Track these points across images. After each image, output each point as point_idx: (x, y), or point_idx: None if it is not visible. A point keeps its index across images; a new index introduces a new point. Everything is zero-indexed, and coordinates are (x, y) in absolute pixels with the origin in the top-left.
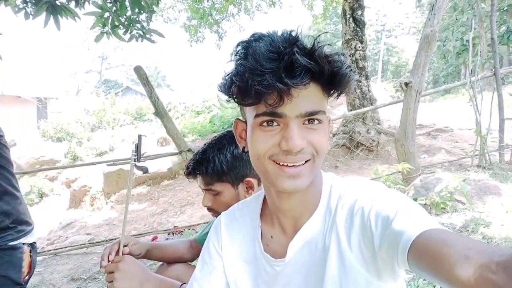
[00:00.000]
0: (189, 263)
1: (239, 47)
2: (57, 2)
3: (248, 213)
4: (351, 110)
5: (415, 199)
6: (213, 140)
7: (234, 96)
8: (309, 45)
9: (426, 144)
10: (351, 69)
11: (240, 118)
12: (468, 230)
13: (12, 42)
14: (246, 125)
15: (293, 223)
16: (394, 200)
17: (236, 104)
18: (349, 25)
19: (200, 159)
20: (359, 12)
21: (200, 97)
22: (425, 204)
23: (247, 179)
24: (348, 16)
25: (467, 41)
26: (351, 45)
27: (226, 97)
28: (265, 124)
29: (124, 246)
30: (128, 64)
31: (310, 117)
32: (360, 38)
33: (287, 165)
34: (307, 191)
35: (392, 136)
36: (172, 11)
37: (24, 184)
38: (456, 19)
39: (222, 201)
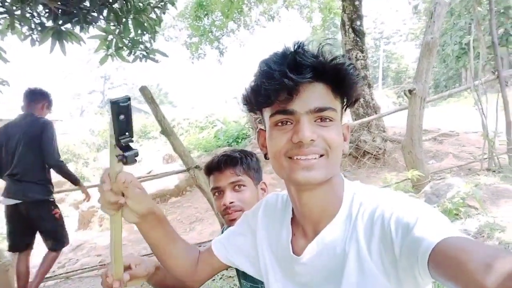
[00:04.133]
0: None
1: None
2: (62, 28)
3: (288, 205)
4: (355, 119)
5: None
6: (236, 149)
7: (250, 101)
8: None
9: (433, 149)
10: (355, 67)
11: (262, 127)
12: (483, 236)
13: (16, 65)
14: None
15: (313, 227)
16: (414, 208)
17: (239, 118)
18: (348, 35)
19: (231, 154)
20: (358, 23)
21: (202, 112)
22: None
23: (263, 181)
24: (347, 27)
25: (466, 44)
26: (352, 55)
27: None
28: (279, 124)
29: (127, 269)
30: (131, 83)
31: (321, 114)
32: (361, 47)
33: (300, 159)
34: (326, 195)
35: (398, 143)
36: (173, 29)
37: None
38: (454, 24)
39: (245, 198)
